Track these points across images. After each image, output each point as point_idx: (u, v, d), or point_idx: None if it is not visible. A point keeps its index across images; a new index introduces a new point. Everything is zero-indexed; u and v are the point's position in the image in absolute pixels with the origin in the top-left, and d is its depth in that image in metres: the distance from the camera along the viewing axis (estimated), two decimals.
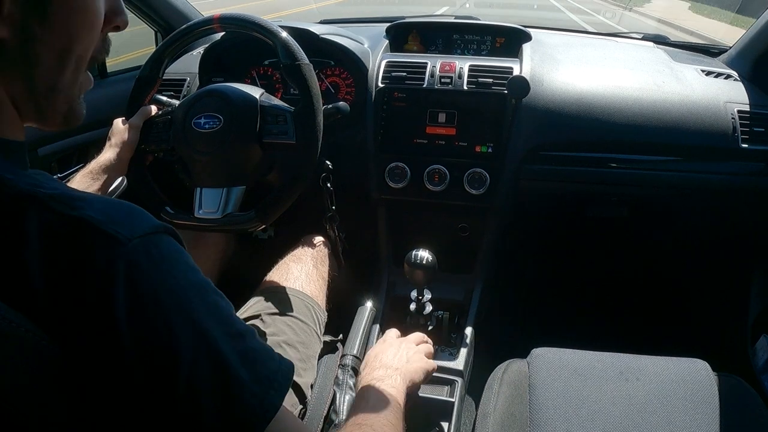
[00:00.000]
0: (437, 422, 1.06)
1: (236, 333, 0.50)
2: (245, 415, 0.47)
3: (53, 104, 0.52)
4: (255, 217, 1.07)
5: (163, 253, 0.47)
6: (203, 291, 0.49)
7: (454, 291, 1.37)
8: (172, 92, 1.46)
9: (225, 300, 0.52)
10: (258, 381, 0.48)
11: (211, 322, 0.48)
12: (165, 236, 0.49)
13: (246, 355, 0.49)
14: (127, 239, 0.45)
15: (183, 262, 0.49)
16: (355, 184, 1.38)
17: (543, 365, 0.97)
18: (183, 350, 0.45)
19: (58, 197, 0.45)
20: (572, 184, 1.38)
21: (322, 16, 1.97)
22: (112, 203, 0.48)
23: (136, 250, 0.45)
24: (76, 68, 0.52)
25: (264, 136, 1.08)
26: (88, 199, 0.47)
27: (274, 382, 0.50)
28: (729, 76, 1.44)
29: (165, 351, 0.45)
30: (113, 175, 1.08)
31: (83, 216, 0.45)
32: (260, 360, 0.50)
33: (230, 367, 0.47)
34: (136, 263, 0.45)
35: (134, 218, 0.47)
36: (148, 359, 0.44)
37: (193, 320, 0.47)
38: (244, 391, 0.47)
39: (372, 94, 1.38)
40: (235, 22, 1.11)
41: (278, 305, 1.10)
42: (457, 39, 1.62)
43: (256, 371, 0.49)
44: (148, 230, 0.47)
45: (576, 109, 1.32)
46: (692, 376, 0.94)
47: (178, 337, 0.45)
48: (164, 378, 0.45)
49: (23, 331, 0.42)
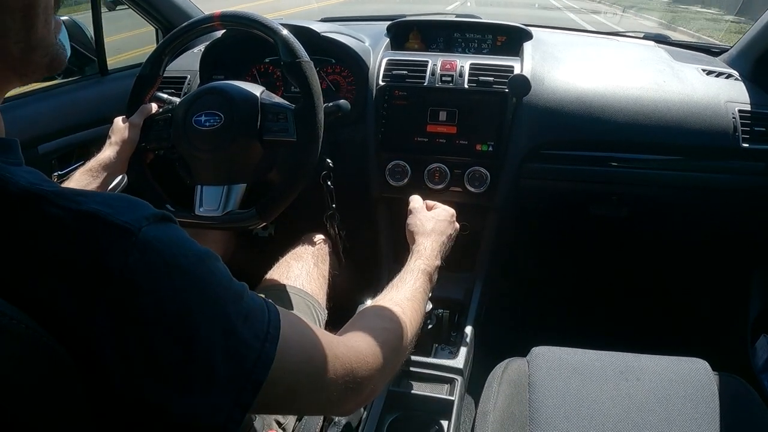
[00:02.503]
0: (437, 420, 1.06)
1: (236, 295, 0.52)
2: (249, 366, 0.50)
3: (32, 62, 0.51)
4: (255, 215, 1.07)
5: (171, 236, 0.49)
6: (207, 260, 0.51)
7: (454, 289, 1.38)
8: (173, 90, 1.46)
9: (221, 261, 0.54)
10: (256, 337, 0.52)
11: (219, 290, 0.50)
12: (167, 222, 0.50)
13: (246, 316, 0.52)
14: (137, 228, 0.46)
15: (187, 240, 0.51)
16: (355, 182, 1.38)
17: (543, 364, 0.97)
18: (201, 327, 0.48)
19: (60, 194, 0.46)
20: (572, 183, 1.38)
21: (324, 15, 1.97)
22: (112, 196, 0.49)
23: (146, 237, 0.46)
24: (45, 19, 0.50)
25: (265, 133, 1.08)
26: (88, 194, 0.47)
27: (268, 335, 0.53)
28: (730, 76, 1.44)
29: (185, 328, 0.47)
30: (113, 173, 1.08)
31: (91, 209, 0.45)
32: (254, 316, 0.53)
33: (236, 330, 0.50)
34: (149, 249, 0.46)
35: (136, 207, 0.48)
36: (170, 338, 0.46)
37: (206, 295, 0.49)
38: (248, 349, 0.51)
39: (373, 93, 1.38)
40: (235, 20, 1.11)
41: (278, 303, 1.08)
42: (458, 37, 1.62)
43: (254, 328, 0.52)
44: (151, 218, 0.48)
45: (577, 108, 1.32)
46: (692, 375, 0.94)
47: (196, 314, 0.48)
48: (185, 351, 0.47)
49: (23, 327, 0.42)
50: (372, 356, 0.65)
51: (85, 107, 1.47)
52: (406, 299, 0.83)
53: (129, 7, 1.61)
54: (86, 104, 1.49)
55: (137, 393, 0.46)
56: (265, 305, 0.56)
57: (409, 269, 0.92)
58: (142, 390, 0.46)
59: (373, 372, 0.65)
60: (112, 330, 0.44)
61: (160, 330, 0.46)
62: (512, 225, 1.47)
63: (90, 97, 1.52)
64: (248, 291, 0.55)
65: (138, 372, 0.46)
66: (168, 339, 0.46)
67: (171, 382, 0.47)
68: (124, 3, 1.61)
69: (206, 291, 0.49)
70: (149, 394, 0.47)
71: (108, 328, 0.44)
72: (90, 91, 1.54)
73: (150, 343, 0.46)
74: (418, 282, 0.89)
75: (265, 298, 0.58)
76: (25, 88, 1.24)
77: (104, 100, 1.49)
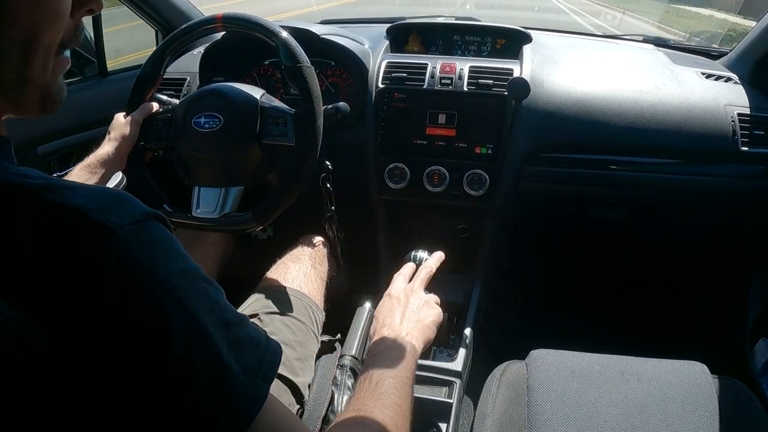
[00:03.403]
0: (435, 423, 1.06)
1: (225, 322, 0.50)
2: (236, 401, 0.48)
3: (25, 95, 0.50)
4: (252, 218, 1.07)
5: (154, 240, 0.47)
6: (193, 278, 0.49)
7: (453, 292, 1.37)
8: (172, 91, 1.46)
9: (215, 287, 0.52)
10: (245, 371, 0.49)
11: (201, 308, 0.48)
12: (155, 222, 0.48)
13: (233, 344, 0.49)
14: (117, 227, 0.45)
15: (173, 248, 0.49)
16: (354, 184, 1.38)
17: (541, 367, 0.97)
18: (175, 335, 0.45)
19: (47, 186, 0.45)
20: (572, 186, 1.38)
21: (323, 17, 1.97)
22: (101, 191, 0.48)
23: (126, 237, 0.45)
24: (44, 58, 0.50)
25: (263, 137, 1.08)
26: (77, 188, 0.47)
27: (260, 371, 0.50)
28: (729, 79, 1.44)
29: (157, 337, 0.45)
30: (111, 169, 1.08)
31: (73, 204, 0.45)
32: (246, 350, 0.50)
33: (220, 353, 0.48)
34: (127, 251, 0.45)
35: (123, 205, 0.47)
36: (141, 346, 0.45)
37: (184, 306, 0.47)
38: (234, 378, 0.48)
39: (372, 95, 1.38)
40: (237, 22, 1.11)
41: (276, 305, 1.10)
42: (458, 40, 1.62)
43: (242, 361, 0.49)
44: (138, 217, 0.46)
45: (576, 110, 1.32)
46: (691, 378, 0.94)
47: (171, 322, 0.45)
48: (158, 363, 0.45)
49: (5, 319, 0.41)
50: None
51: (84, 108, 1.47)
52: None
53: (129, 8, 1.61)
54: (86, 105, 1.49)
55: (110, 400, 0.45)
56: (264, 342, 0.53)
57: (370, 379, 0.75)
58: (116, 399, 0.45)
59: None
60: (85, 331, 0.44)
61: (129, 334, 0.44)
62: (511, 228, 1.47)
63: (89, 98, 1.52)
64: (246, 323, 0.53)
65: (109, 374, 0.45)
66: (138, 345, 0.44)
67: (144, 393, 0.45)
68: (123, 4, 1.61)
69: (184, 303, 0.47)
70: (122, 399, 0.45)
71: (81, 328, 0.44)
72: (89, 92, 1.54)
73: (122, 346, 0.44)
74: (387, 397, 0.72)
75: (267, 334, 0.56)
76: None
77: (104, 101, 1.49)
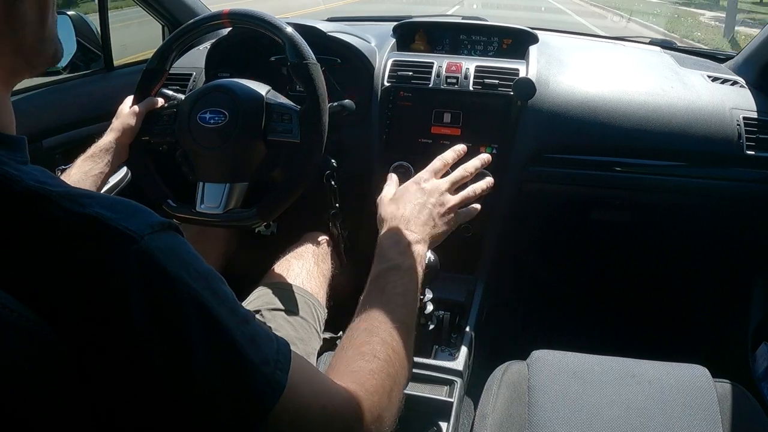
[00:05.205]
0: (435, 422, 1.06)
1: (242, 319, 0.51)
2: (258, 395, 0.49)
3: (43, 53, 0.53)
4: (256, 215, 1.07)
5: (173, 248, 0.48)
6: (211, 280, 0.50)
7: (456, 291, 1.37)
8: (178, 87, 1.46)
9: (227, 286, 0.53)
10: (265, 362, 0.50)
11: (222, 310, 0.49)
12: (171, 232, 0.49)
13: (252, 339, 0.50)
14: (139, 236, 0.46)
15: (191, 254, 0.50)
16: (359, 182, 1.38)
17: (543, 367, 0.97)
18: (197, 340, 0.46)
19: (66, 195, 0.46)
20: (576, 187, 1.38)
21: (330, 15, 1.97)
22: (118, 201, 0.49)
23: (148, 246, 0.46)
24: (53, 13, 0.53)
25: (269, 133, 1.08)
26: (95, 197, 0.48)
27: (278, 362, 0.51)
28: (735, 83, 1.44)
29: (180, 342, 0.46)
30: (113, 158, 1.09)
31: (93, 213, 0.45)
32: (263, 343, 0.52)
33: (242, 352, 0.49)
34: (149, 259, 0.46)
35: (141, 215, 0.48)
36: (164, 351, 0.45)
37: (206, 311, 0.48)
38: (255, 373, 0.49)
39: (378, 93, 1.38)
40: (244, 18, 1.12)
41: (278, 301, 1.10)
42: (464, 39, 1.61)
43: (263, 354, 0.51)
44: (156, 227, 0.48)
45: (581, 112, 1.32)
46: (692, 381, 0.94)
47: (193, 328, 0.47)
48: (181, 369, 0.46)
49: (24, 320, 0.42)
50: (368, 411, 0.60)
51: (90, 102, 1.48)
52: (385, 325, 0.74)
53: (136, 3, 1.61)
54: (91, 99, 1.49)
55: (128, 401, 0.46)
56: (274, 336, 0.54)
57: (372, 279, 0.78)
58: (134, 402, 0.46)
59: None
60: (106, 336, 0.44)
61: (152, 341, 0.45)
62: (514, 228, 1.47)
63: (95, 92, 1.52)
64: (256, 318, 0.54)
65: (130, 381, 0.45)
66: (160, 351, 0.45)
67: (165, 401, 0.46)
68: None
69: (206, 307, 0.48)
70: (140, 409, 0.46)
71: (102, 333, 0.44)
72: (95, 86, 1.54)
73: (142, 355, 0.45)
74: (387, 293, 0.76)
75: (271, 329, 0.57)
76: (29, 83, 1.25)
77: (109, 95, 1.49)
